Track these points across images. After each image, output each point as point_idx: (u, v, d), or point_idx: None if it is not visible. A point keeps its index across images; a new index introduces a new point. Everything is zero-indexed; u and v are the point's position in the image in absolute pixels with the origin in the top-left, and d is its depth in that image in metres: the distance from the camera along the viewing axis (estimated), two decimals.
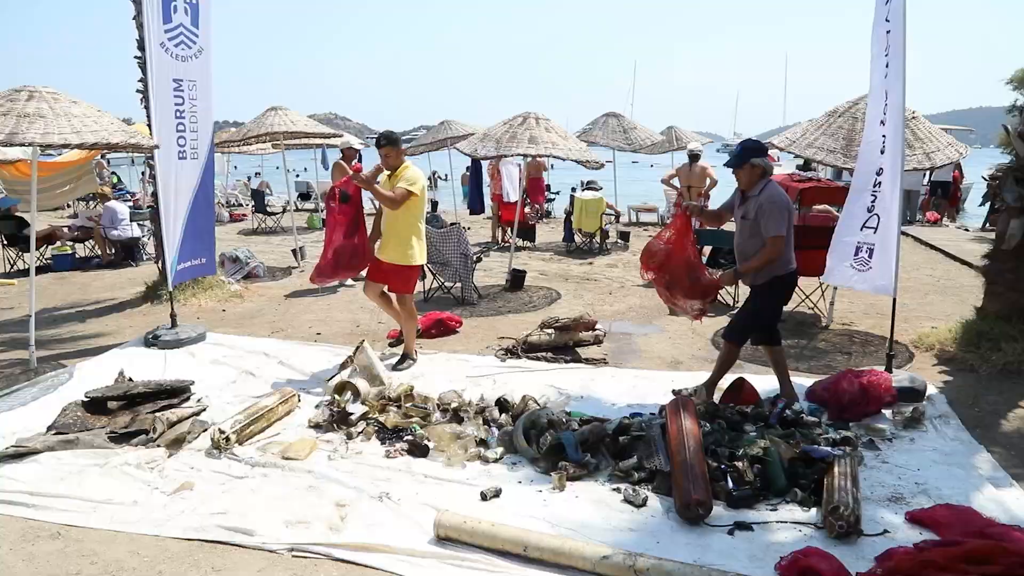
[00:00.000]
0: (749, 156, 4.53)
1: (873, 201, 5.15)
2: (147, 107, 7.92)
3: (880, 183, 5.20)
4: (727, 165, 4.70)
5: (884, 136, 5.19)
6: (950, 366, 5.63)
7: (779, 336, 4.88)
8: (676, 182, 9.21)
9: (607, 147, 12.74)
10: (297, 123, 10.06)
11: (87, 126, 5.23)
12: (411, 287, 5.87)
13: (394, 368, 5.70)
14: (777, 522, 3.42)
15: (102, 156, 18.80)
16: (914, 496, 3.68)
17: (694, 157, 8.95)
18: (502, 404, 4.63)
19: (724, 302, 7.75)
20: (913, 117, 6.07)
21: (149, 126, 6.74)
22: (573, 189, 29.76)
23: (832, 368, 5.68)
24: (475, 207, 13.04)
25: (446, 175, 20.72)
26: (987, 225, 15.77)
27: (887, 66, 5.11)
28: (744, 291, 6.40)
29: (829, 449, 3.84)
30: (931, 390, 5.03)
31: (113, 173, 20.28)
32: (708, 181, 9.09)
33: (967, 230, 14.04)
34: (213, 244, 7.33)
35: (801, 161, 12.62)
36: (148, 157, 8.44)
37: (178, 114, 6.63)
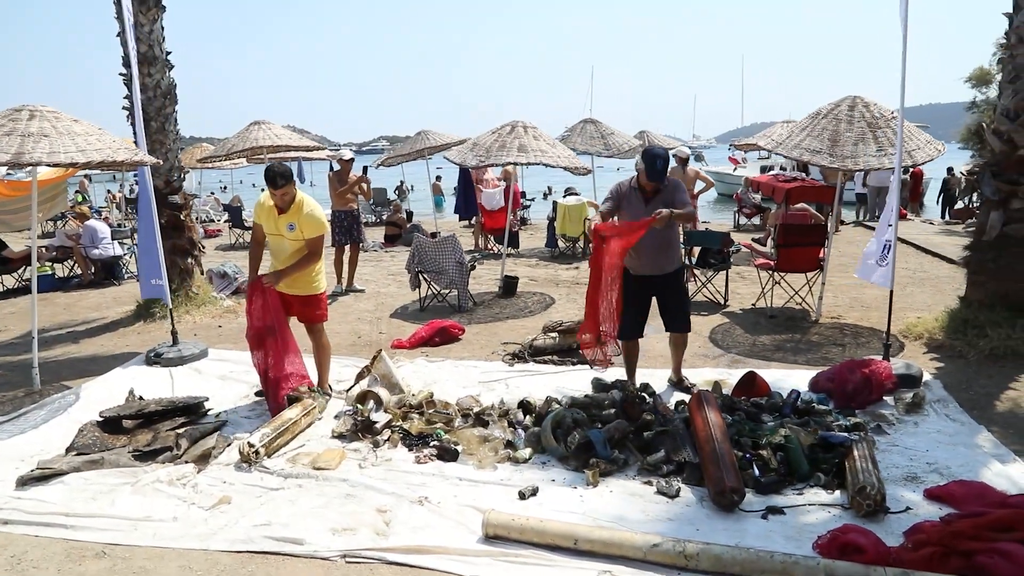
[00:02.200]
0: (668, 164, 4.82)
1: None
2: (132, 124, 7.90)
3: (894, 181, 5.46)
4: (655, 179, 4.75)
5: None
6: (940, 353, 5.91)
7: None
8: None
9: (586, 153, 12.94)
10: (282, 137, 10.05)
11: (91, 144, 5.21)
12: (325, 314, 5.42)
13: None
14: (805, 505, 3.59)
15: (86, 176, 18.46)
16: (927, 475, 3.89)
17: (684, 161, 9.17)
18: (525, 406, 4.74)
19: (716, 301, 7.97)
20: (893, 117, 6.36)
21: (136, 143, 6.70)
22: (544, 195, 29.97)
23: (829, 360, 5.91)
24: (464, 214, 13.10)
25: (412, 186, 20.65)
26: (947, 216, 16.43)
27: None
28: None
29: (846, 435, 4.04)
30: (926, 376, 5.28)
31: (78, 192, 19.89)
32: (701, 184, 9.30)
33: (932, 223, 14.58)
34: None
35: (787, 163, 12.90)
36: (135, 174, 8.36)
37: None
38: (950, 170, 17.58)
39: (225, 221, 17.65)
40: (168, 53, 8.03)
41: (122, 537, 3.55)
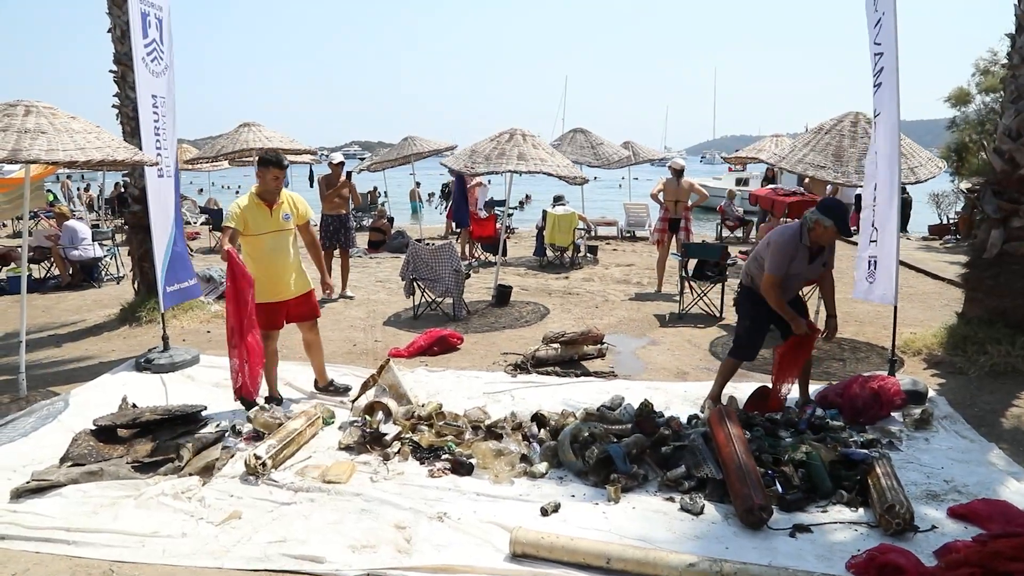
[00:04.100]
0: None
1: (874, 215, 5.42)
2: (122, 123, 7.70)
3: (876, 197, 5.49)
4: (845, 235, 4.64)
5: (876, 152, 5.50)
6: (940, 369, 5.95)
7: None
8: (663, 197, 9.39)
9: (576, 163, 12.93)
10: (272, 139, 9.88)
11: (90, 142, 5.02)
12: (319, 308, 5.52)
13: (323, 390, 5.59)
14: (832, 523, 3.56)
15: (67, 176, 17.89)
16: (947, 493, 3.88)
17: (679, 172, 9.16)
18: (539, 419, 4.66)
19: (712, 313, 7.97)
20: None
21: (129, 142, 6.50)
22: (521, 204, 29.84)
23: (831, 374, 5.94)
24: (462, 221, 12.89)
25: (387, 191, 20.40)
26: (906, 230, 16.75)
27: (877, 86, 5.41)
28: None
29: (867, 452, 4.02)
30: (931, 392, 5.31)
31: (49, 191, 19.37)
32: (696, 196, 9.30)
33: (909, 239, 14.80)
34: (191, 265, 7.16)
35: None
36: (125, 175, 8.13)
37: (156, 131, 6.43)
38: (904, 190, 17.86)
39: (203, 223, 17.37)
40: None
41: (129, 554, 3.39)
